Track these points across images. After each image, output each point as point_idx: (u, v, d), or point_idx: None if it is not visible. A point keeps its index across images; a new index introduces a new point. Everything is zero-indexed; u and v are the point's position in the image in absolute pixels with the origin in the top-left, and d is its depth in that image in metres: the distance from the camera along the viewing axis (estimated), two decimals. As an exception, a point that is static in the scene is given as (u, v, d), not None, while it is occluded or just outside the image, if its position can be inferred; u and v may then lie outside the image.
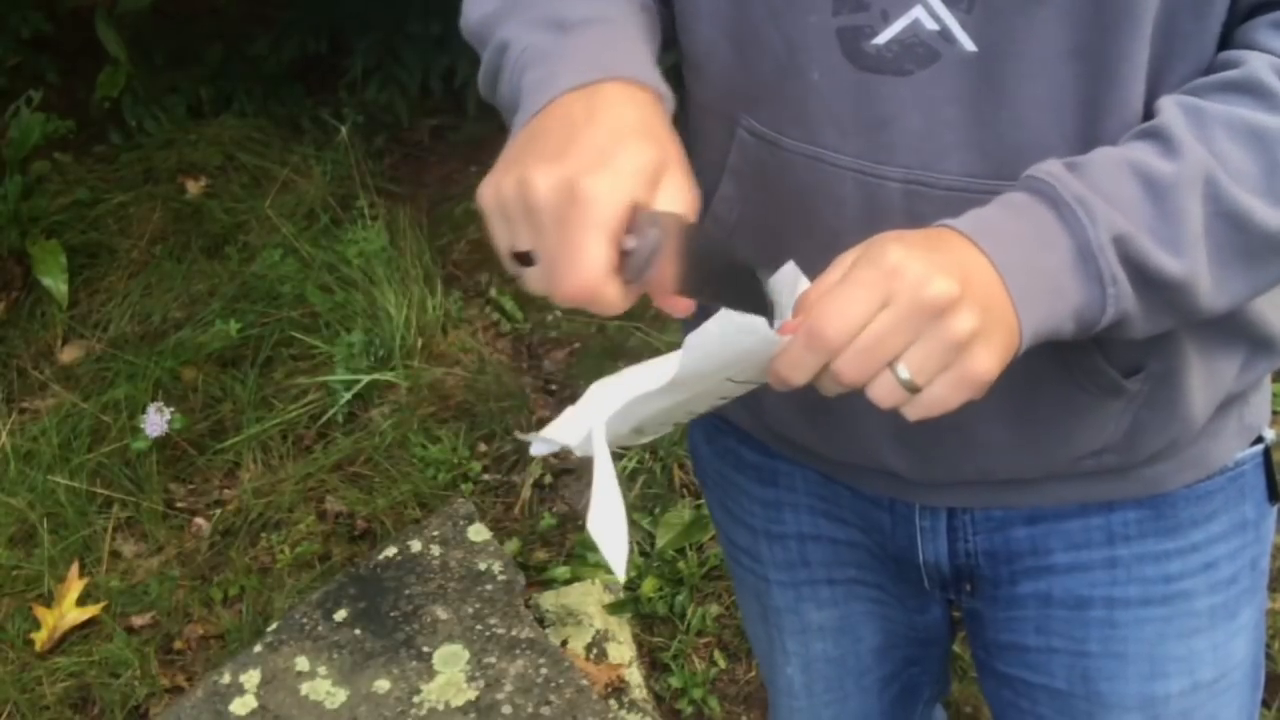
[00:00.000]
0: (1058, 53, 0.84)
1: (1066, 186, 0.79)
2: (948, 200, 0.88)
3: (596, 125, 0.77)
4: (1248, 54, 0.83)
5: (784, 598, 1.29)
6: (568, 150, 0.75)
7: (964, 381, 0.75)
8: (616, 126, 0.77)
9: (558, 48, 0.86)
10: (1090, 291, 0.79)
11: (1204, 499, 1.08)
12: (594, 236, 0.72)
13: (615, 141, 0.75)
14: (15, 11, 3.74)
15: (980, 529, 1.12)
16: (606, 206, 0.72)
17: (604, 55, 0.84)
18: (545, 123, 0.79)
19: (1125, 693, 1.13)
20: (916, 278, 0.73)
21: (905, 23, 0.86)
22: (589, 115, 0.77)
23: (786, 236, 0.97)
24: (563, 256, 0.73)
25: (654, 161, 0.75)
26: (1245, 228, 0.80)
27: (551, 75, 0.83)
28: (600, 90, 0.80)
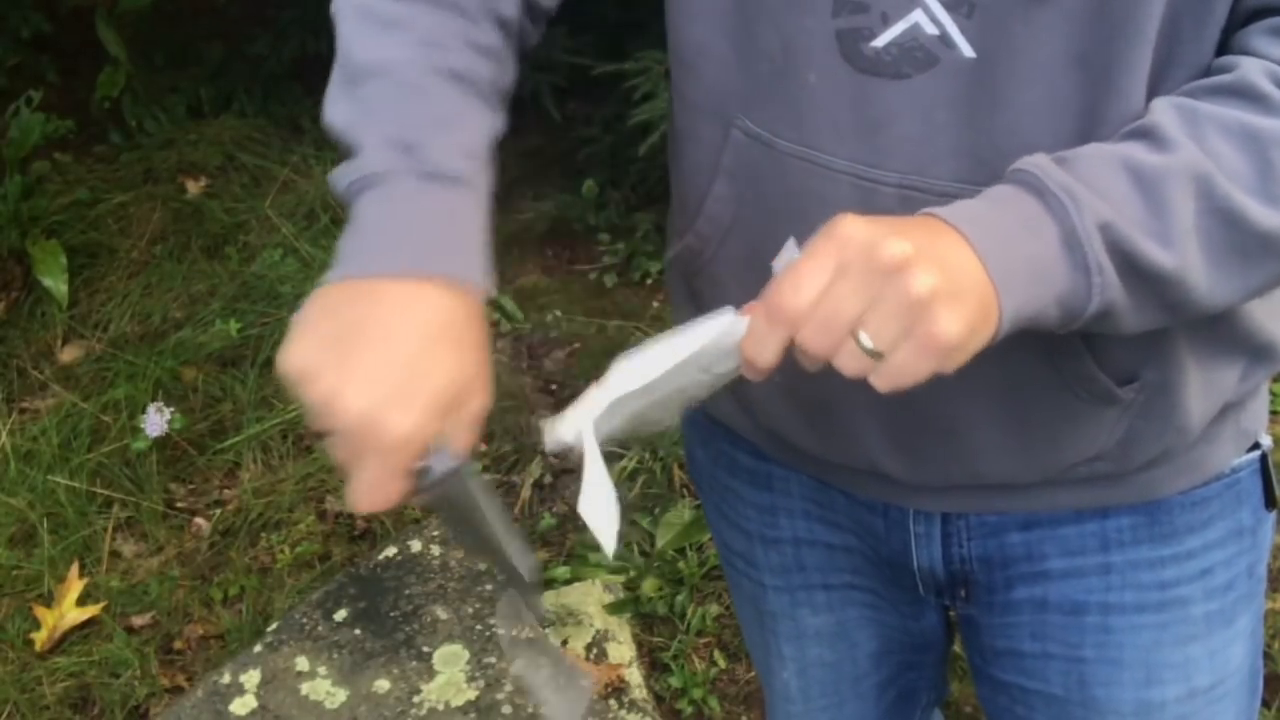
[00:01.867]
0: (1058, 60, 0.84)
1: (1051, 176, 0.79)
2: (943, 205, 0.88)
3: (405, 344, 0.79)
4: (1241, 59, 0.83)
5: (779, 602, 1.29)
6: (374, 373, 0.77)
7: (928, 345, 0.72)
8: (425, 345, 0.80)
9: (401, 196, 0.85)
10: (1075, 279, 0.78)
11: (1200, 505, 1.07)
12: (392, 479, 0.78)
13: (424, 365, 0.79)
14: (15, 11, 3.74)
15: (975, 534, 1.12)
16: (403, 453, 0.78)
17: (438, 240, 0.85)
18: (360, 314, 0.80)
19: (1121, 699, 1.12)
20: (868, 240, 0.73)
21: (905, 26, 0.86)
22: (401, 325, 0.80)
23: (780, 238, 0.96)
24: (361, 485, 0.79)
25: (452, 390, 0.79)
26: (1239, 225, 0.80)
27: (381, 239, 0.85)
28: (418, 292, 0.81)
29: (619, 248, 3.35)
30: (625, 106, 2.97)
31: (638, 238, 3.33)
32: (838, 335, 0.73)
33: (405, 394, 0.77)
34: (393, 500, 0.79)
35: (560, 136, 3.49)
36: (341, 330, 0.80)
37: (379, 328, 0.79)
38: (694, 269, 1.07)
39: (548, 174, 3.60)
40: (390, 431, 0.76)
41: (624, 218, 3.41)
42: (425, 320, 0.80)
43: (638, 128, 2.91)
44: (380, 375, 0.78)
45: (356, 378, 0.77)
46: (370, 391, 0.77)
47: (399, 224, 0.85)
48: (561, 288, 3.33)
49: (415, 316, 0.80)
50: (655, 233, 3.29)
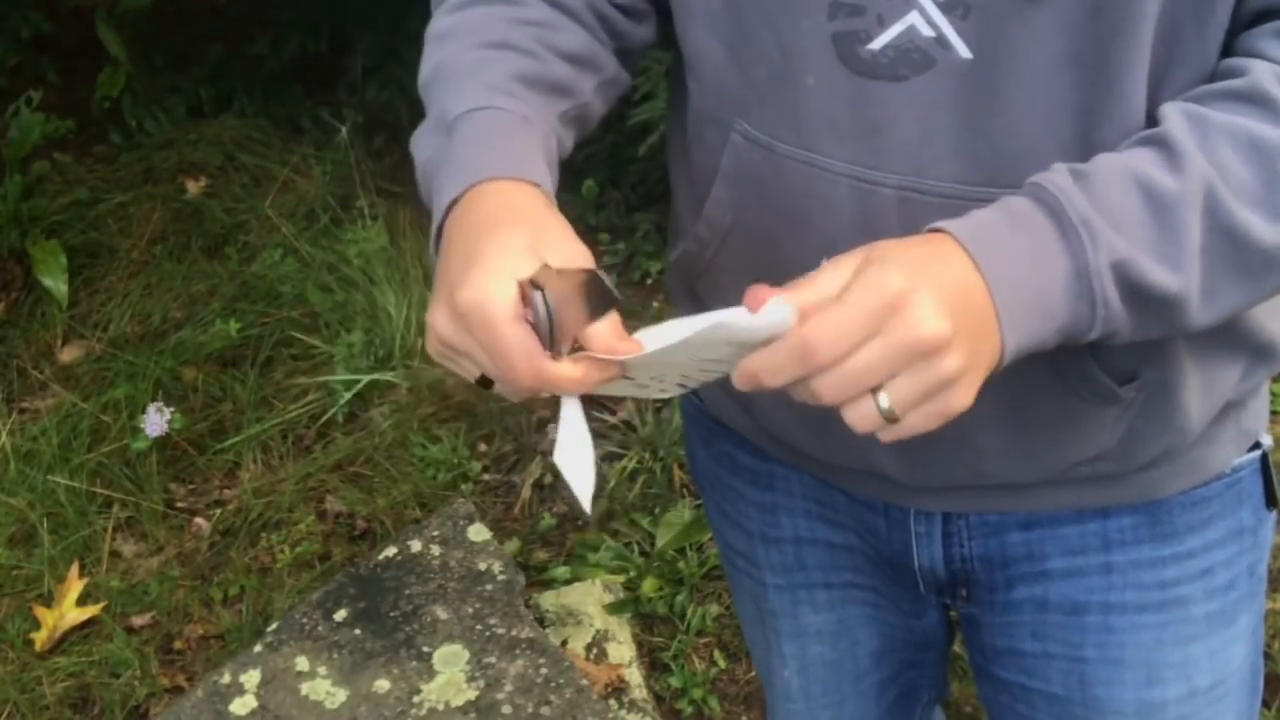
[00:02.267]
0: (1055, 60, 0.84)
1: (1073, 204, 0.78)
2: (941, 207, 0.88)
3: (460, 237, 0.81)
4: (1252, 62, 0.82)
5: (780, 601, 1.29)
6: (442, 280, 0.80)
7: (940, 415, 0.76)
8: (476, 228, 0.81)
9: (441, 156, 0.90)
10: (1079, 311, 0.79)
11: (1201, 505, 1.07)
12: (500, 330, 0.76)
13: (476, 242, 0.79)
14: (15, 11, 3.73)
15: (975, 534, 1.12)
16: (490, 302, 0.76)
17: (475, 157, 0.87)
18: (440, 261, 0.84)
19: (1122, 699, 1.13)
20: (915, 316, 0.73)
21: (901, 28, 0.86)
22: (460, 231, 0.82)
23: (780, 241, 0.97)
24: (494, 363, 0.78)
25: (519, 241, 0.79)
26: (1242, 243, 0.80)
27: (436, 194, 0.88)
28: (469, 200, 0.84)
29: (619, 248, 3.36)
30: (625, 106, 2.96)
31: (638, 238, 3.33)
32: (856, 393, 0.75)
33: (463, 270, 0.78)
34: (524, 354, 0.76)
35: (560, 136, 3.48)
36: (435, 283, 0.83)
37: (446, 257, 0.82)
38: (695, 272, 1.07)
39: (548, 174, 3.60)
40: (461, 301, 0.77)
41: (624, 218, 3.41)
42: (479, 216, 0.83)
43: (638, 128, 2.91)
44: (443, 282, 0.80)
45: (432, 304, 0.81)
46: (441, 298, 0.79)
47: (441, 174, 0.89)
48: (561, 288, 3.33)
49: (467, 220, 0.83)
50: (655, 233, 3.29)
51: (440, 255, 0.84)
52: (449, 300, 0.78)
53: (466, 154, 0.88)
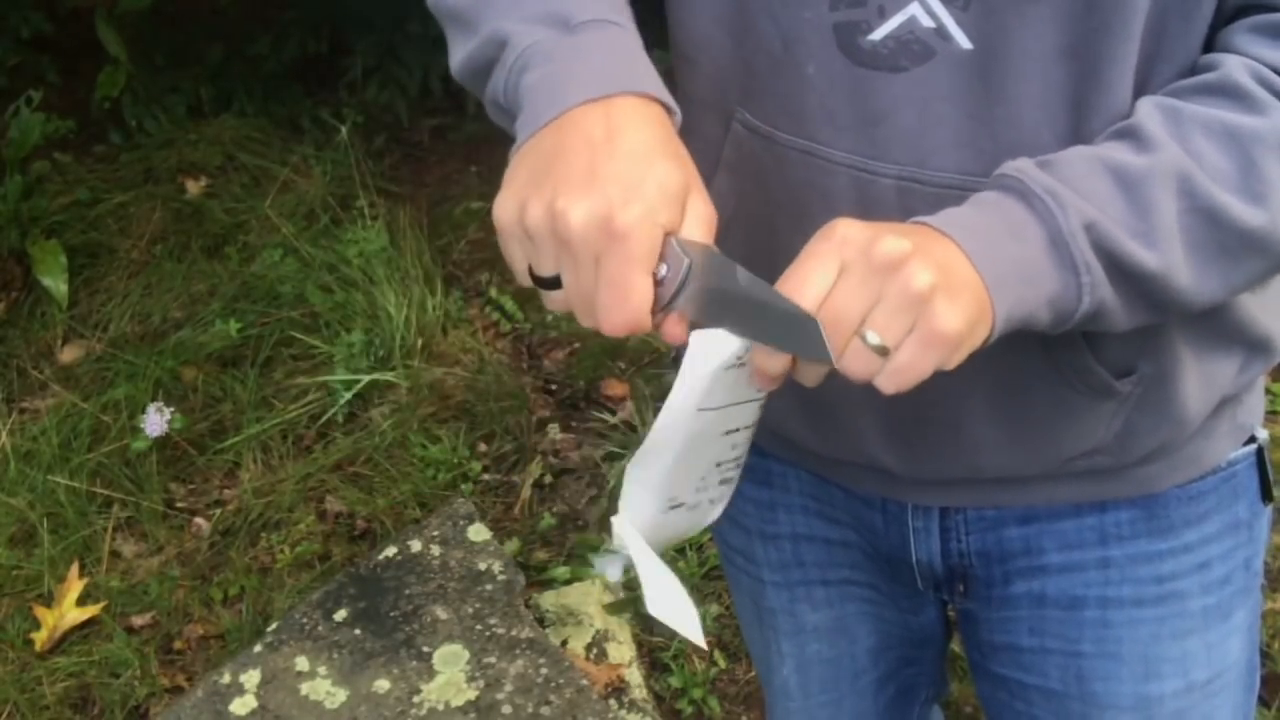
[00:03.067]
0: (1050, 52, 0.84)
1: (1035, 180, 0.80)
2: (941, 197, 0.88)
3: (619, 149, 0.76)
4: (1225, 57, 0.84)
5: (778, 599, 1.29)
6: (594, 178, 0.74)
7: (931, 339, 0.73)
8: (639, 149, 0.76)
9: (562, 50, 0.84)
10: (1064, 279, 0.79)
11: (1197, 499, 1.08)
12: (637, 274, 0.73)
13: (641, 167, 0.75)
14: (15, 11, 3.74)
15: (973, 529, 1.12)
16: (644, 241, 0.73)
17: (613, 65, 0.82)
18: (561, 140, 0.77)
19: (1119, 693, 1.13)
20: (866, 239, 0.73)
21: (901, 19, 0.87)
22: (609, 136, 0.76)
23: (780, 231, 0.97)
24: (607, 294, 0.74)
25: (680, 184, 0.76)
26: (1221, 224, 0.81)
27: (560, 83, 0.81)
28: (615, 106, 0.79)
29: (618, 248, 3.35)
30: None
31: (637, 238, 3.33)
32: (844, 335, 0.73)
33: (632, 186, 0.74)
34: (643, 307, 0.74)
35: (560, 136, 3.48)
36: (546, 161, 0.77)
37: (585, 143, 0.76)
38: None
39: (548, 174, 3.60)
40: (625, 221, 0.72)
41: (624, 218, 3.41)
42: (630, 126, 0.78)
43: (637, 127, 2.91)
44: (598, 176, 0.74)
45: (574, 185, 0.74)
46: (591, 192, 0.73)
47: (571, 66, 0.82)
48: (561, 288, 3.33)
49: (619, 126, 0.77)
50: (655, 232, 3.29)
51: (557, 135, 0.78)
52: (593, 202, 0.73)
53: (613, 59, 0.83)
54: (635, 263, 0.73)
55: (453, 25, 0.94)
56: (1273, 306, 1.00)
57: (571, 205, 0.73)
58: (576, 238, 0.73)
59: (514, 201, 0.76)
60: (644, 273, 0.73)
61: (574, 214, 0.73)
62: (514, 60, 0.85)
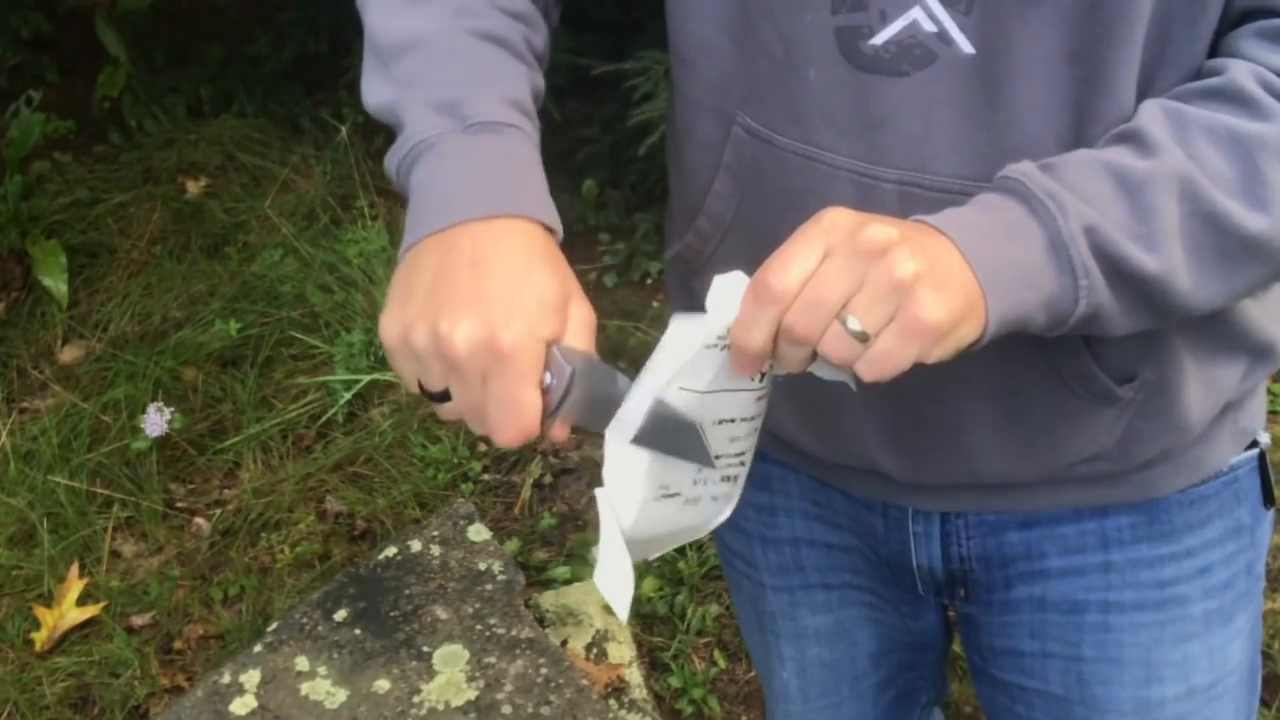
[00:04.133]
0: (1052, 56, 0.84)
1: (1036, 182, 0.80)
2: (942, 202, 0.88)
3: (498, 267, 0.79)
4: (1230, 62, 0.83)
5: (779, 603, 1.29)
6: (476, 298, 0.77)
7: (911, 328, 0.72)
8: (517, 266, 0.79)
9: (454, 153, 0.86)
10: (1062, 282, 0.79)
11: (1198, 504, 1.07)
12: (524, 389, 0.76)
13: (520, 282, 0.78)
14: (15, 11, 3.74)
15: (974, 533, 1.12)
16: (527, 357, 0.76)
17: (500, 181, 0.85)
18: (445, 260, 0.80)
19: (1121, 697, 1.13)
20: (853, 224, 0.74)
21: (903, 23, 0.86)
22: (490, 256, 0.79)
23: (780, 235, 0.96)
24: (497, 410, 0.77)
25: (558, 294, 0.79)
26: (1223, 229, 0.80)
27: (447, 194, 0.84)
28: (496, 228, 0.81)
29: (619, 248, 3.36)
30: (625, 106, 2.97)
31: (638, 238, 3.33)
32: (824, 317, 0.73)
33: (511, 303, 0.77)
34: (533, 419, 0.77)
35: (560, 136, 3.48)
36: (429, 280, 0.79)
37: (468, 263, 0.79)
38: (694, 267, 1.07)
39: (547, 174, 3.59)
40: (508, 341, 0.75)
41: (624, 218, 3.41)
42: (512, 244, 0.80)
43: (638, 128, 2.91)
44: (481, 296, 0.77)
45: (458, 307, 0.77)
46: (476, 313, 0.76)
47: (459, 177, 0.85)
48: (561, 288, 3.33)
49: (502, 244, 0.80)
50: (655, 233, 3.29)
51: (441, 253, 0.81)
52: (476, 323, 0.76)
53: (500, 174, 0.85)
54: (521, 379, 0.76)
55: (370, 53, 0.96)
56: (1275, 312, 1.00)
57: (455, 327, 0.76)
58: (462, 359, 0.76)
59: (399, 322, 0.79)
60: (531, 387, 0.76)
61: (458, 336, 0.76)
62: (408, 150, 0.87)
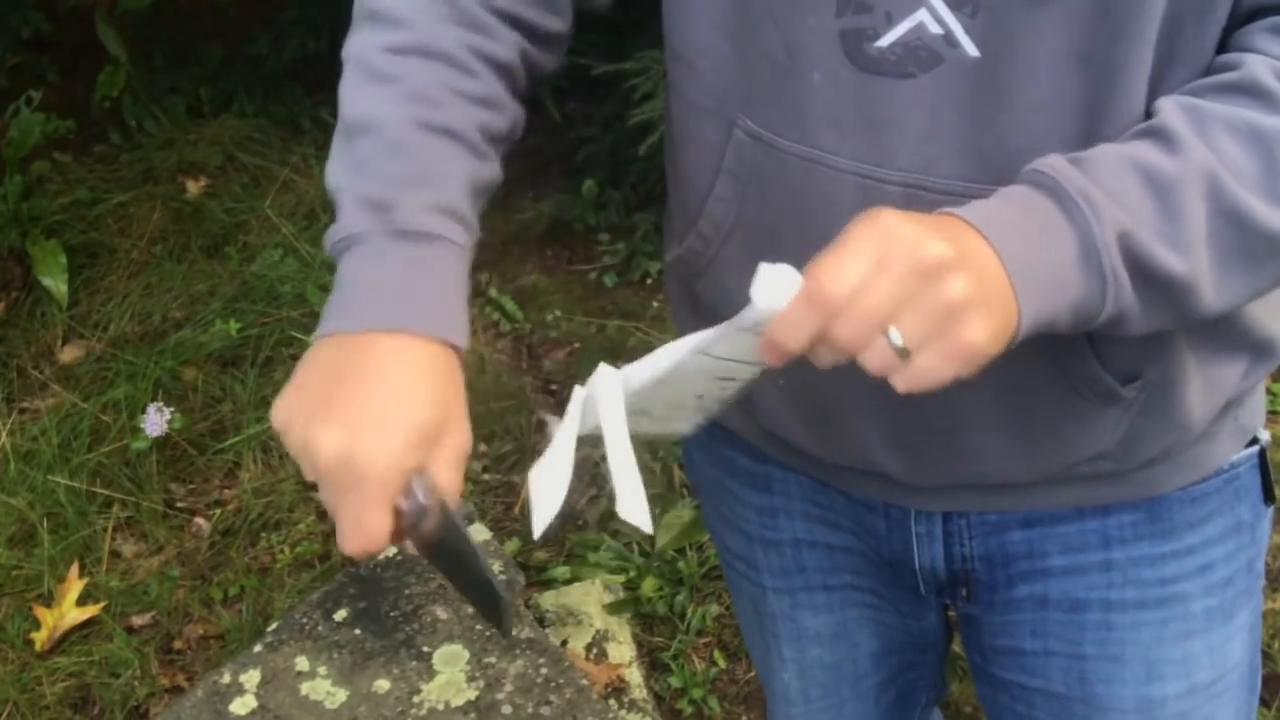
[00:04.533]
0: (1060, 58, 0.84)
1: (1070, 180, 0.79)
2: (946, 204, 0.87)
3: (381, 387, 0.81)
4: (1246, 56, 0.83)
5: (779, 604, 1.29)
6: (349, 411, 0.80)
7: (955, 351, 0.73)
8: (399, 390, 0.81)
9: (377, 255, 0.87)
10: (1090, 285, 0.78)
11: (1199, 501, 1.07)
12: (370, 512, 0.79)
13: (396, 407, 0.80)
14: (15, 11, 3.73)
15: (976, 533, 1.12)
16: (378, 483, 0.78)
17: (414, 296, 0.86)
18: (338, 364, 0.83)
19: (1122, 696, 1.13)
20: (913, 238, 0.73)
21: (909, 25, 0.86)
22: (379, 371, 0.81)
23: (783, 238, 0.97)
24: (343, 523, 0.79)
25: (427, 424, 0.81)
26: (1245, 227, 0.80)
27: (360, 297, 0.86)
28: (396, 343, 0.83)
29: (619, 248, 3.36)
30: (625, 106, 2.96)
31: (638, 238, 3.33)
32: (872, 331, 0.73)
33: (379, 426, 0.79)
34: (378, 539, 0.79)
35: (560, 136, 3.48)
36: (322, 380, 0.82)
37: (356, 374, 0.82)
38: (695, 271, 1.07)
39: (548, 174, 3.60)
40: (366, 463, 0.78)
41: (624, 218, 3.41)
42: (401, 365, 0.82)
43: (638, 128, 2.91)
44: (354, 412, 0.80)
45: (331, 418, 0.80)
46: (344, 429, 0.79)
47: (374, 282, 0.87)
48: (561, 288, 3.33)
49: (392, 362, 0.82)
50: (655, 233, 3.29)
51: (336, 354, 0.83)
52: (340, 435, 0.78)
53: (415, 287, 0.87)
54: (369, 502, 0.78)
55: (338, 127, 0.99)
56: (1276, 310, 1.00)
57: (321, 438, 0.79)
58: (322, 469, 0.79)
59: (285, 414, 0.82)
60: (378, 510, 0.79)
61: (321, 447, 0.79)
62: (340, 238, 0.89)
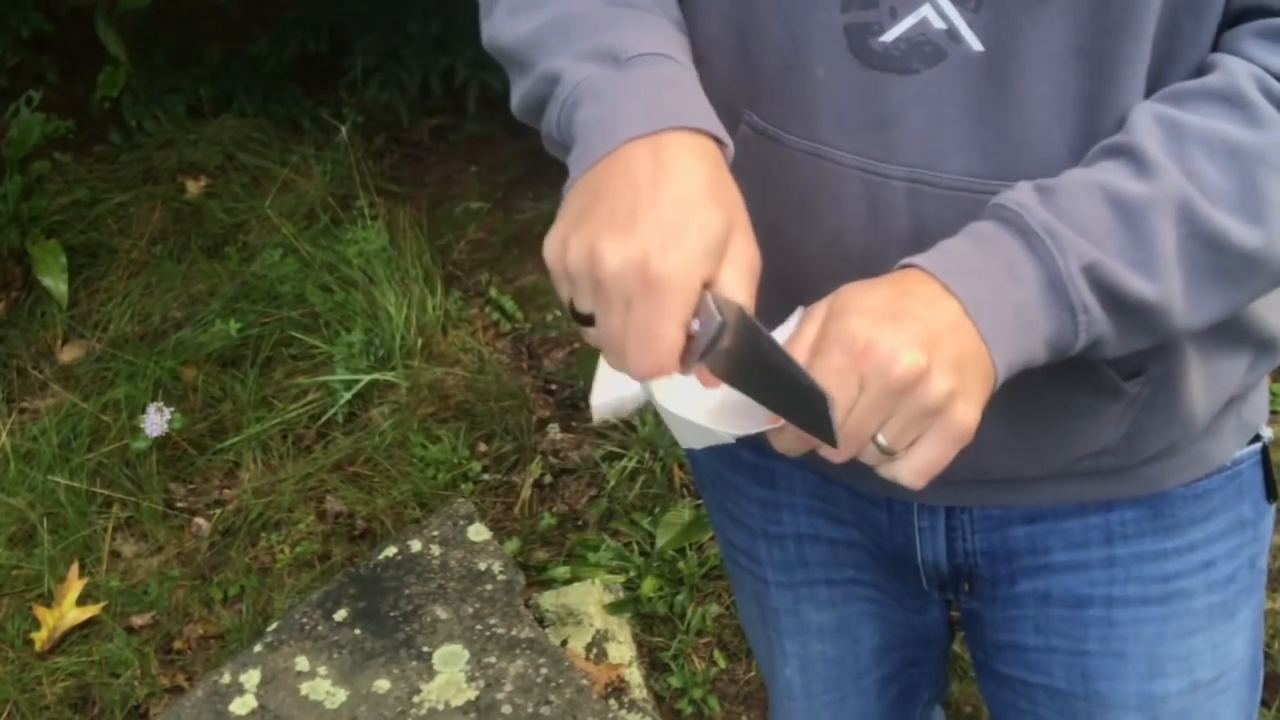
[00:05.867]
0: (1061, 52, 0.84)
1: (1034, 215, 0.80)
2: (950, 199, 0.88)
3: (663, 192, 0.76)
4: (1229, 60, 0.83)
5: (782, 599, 1.29)
6: (636, 221, 0.74)
7: (948, 438, 0.77)
8: (684, 192, 0.76)
9: (613, 85, 0.83)
10: (1061, 320, 0.80)
11: (1202, 498, 1.07)
12: (666, 324, 0.73)
13: (684, 213, 0.75)
14: (15, 11, 3.73)
15: (979, 528, 1.12)
16: (677, 293, 0.73)
17: (664, 98, 0.82)
18: (609, 179, 0.78)
19: (1124, 692, 1.13)
20: (885, 357, 0.75)
21: (913, 21, 0.86)
22: (655, 176, 0.76)
23: (788, 233, 0.97)
24: (634, 340, 0.74)
25: (721, 232, 0.76)
26: (1221, 248, 0.81)
27: (610, 120, 0.81)
28: (664, 143, 0.78)
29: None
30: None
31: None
32: (860, 446, 0.77)
33: (670, 234, 0.74)
34: (672, 357, 0.74)
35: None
36: (593, 200, 0.77)
37: (629, 184, 0.76)
38: None
39: (548, 174, 3.60)
40: (664, 272, 0.73)
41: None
42: (679, 165, 0.77)
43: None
44: (640, 220, 0.74)
45: (615, 228, 0.74)
46: (631, 236, 0.74)
47: (622, 104, 0.82)
48: (562, 288, 3.33)
49: (668, 164, 0.77)
50: (655, 233, 3.29)
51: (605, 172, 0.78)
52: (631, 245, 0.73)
53: (662, 94, 0.83)
54: (665, 314, 0.73)
55: (510, 65, 0.95)
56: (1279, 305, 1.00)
57: (609, 248, 0.74)
58: (610, 281, 0.74)
59: (559, 239, 0.77)
60: (674, 324, 0.73)
61: (610, 257, 0.73)
62: (566, 96, 0.85)
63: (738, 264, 0.77)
